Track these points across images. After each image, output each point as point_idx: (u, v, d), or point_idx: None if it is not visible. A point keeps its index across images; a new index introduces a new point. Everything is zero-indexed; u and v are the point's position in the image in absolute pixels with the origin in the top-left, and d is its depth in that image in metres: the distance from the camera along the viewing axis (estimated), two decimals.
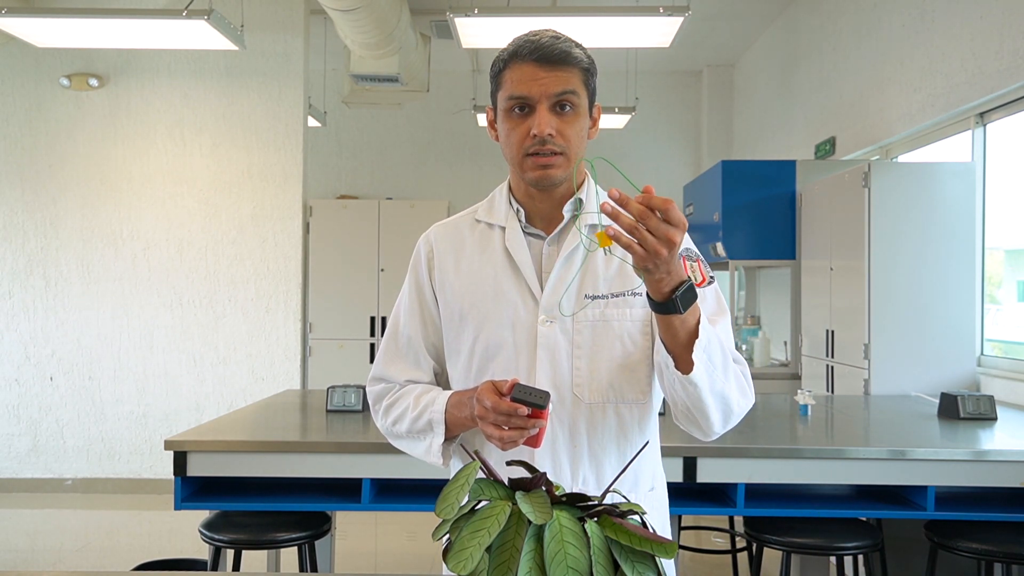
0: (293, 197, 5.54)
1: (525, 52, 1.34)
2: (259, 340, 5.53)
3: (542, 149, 1.34)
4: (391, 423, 1.47)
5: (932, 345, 3.83)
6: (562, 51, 1.33)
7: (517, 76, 1.34)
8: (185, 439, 2.52)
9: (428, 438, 1.41)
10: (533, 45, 1.34)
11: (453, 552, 0.96)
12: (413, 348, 1.49)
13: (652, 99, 7.80)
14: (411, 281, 1.51)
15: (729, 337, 1.39)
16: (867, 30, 4.88)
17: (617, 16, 3.92)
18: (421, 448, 1.44)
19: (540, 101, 1.33)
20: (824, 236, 4.41)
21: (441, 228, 1.51)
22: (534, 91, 1.33)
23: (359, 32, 4.90)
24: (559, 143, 1.34)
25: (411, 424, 1.43)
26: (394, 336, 1.52)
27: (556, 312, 1.38)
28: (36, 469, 5.54)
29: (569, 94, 1.34)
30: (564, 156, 1.35)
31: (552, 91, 1.33)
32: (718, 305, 1.42)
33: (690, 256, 1.40)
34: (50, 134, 5.54)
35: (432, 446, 1.41)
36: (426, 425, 1.41)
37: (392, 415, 1.47)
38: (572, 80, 1.34)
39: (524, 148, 1.35)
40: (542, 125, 1.32)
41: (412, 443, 1.46)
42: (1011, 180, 3.91)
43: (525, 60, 1.34)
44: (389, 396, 1.49)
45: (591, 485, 1.38)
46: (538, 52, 1.33)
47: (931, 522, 2.52)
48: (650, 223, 1.10)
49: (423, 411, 1.41)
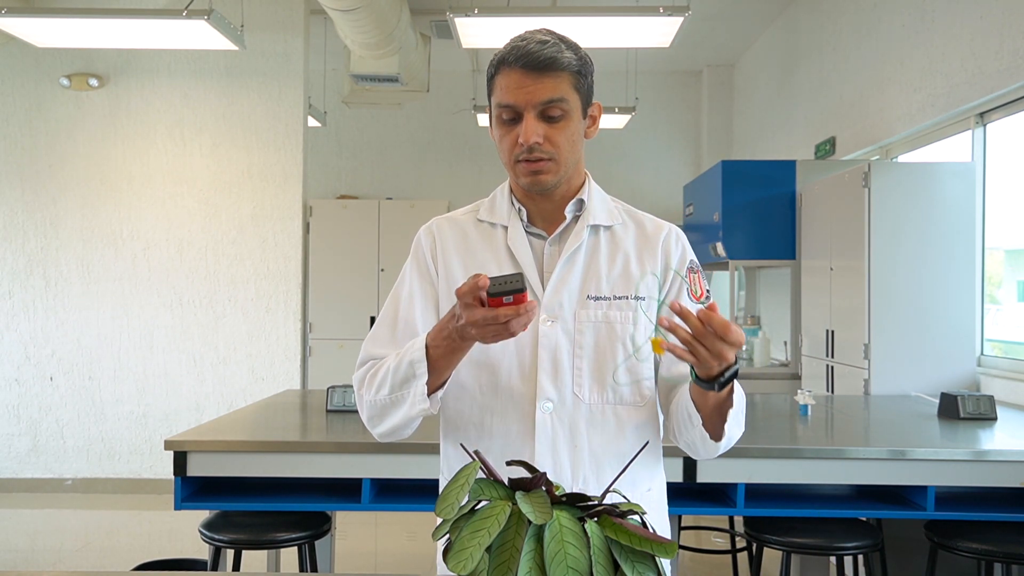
0: (293, 197, 5.54)
1: (512, 59, 1.33)
2: (259, 340, 5.53)
3: (530, 156, 1.34)
4: (374, 392, 1.36)
5: (932, 345, 3.83)
6: (548, 57, 1.31)
7: (505, 83, 1.34)
8: (185, 439, 2.52)
9: (412, 385, 1.30)
10: (520, 51, 1.32)
11: (453, 552, 0.96)
12: (410, 331, 1.41)
13: (652, 99, 7.80)
14: (413, 268, 1.47)
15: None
16: (867, 30, 4.88)
17: (617, 16, 3.92)
18: (406, 404, 1.31)
19: (527, 109, 1.33)
20: (824, 236, 4.41)
21: (444, 222, 1.49)
22: (520, 99, 1.32)
23: (359, 32, 4.90)
24: (547, 150, 1.34)
25: (393, 378, 1.32)
26: (391, 320, 1.44)
27: (558, 312, 1.38)
28: (36, 469, 5.54)
29: (556, 102, 1.33)
30: (554, 161, 1.35)
31: (538, 99, 1.32)
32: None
33: (693, 268, 1.43)
34: (50, 134, 5.54)
35: (416, 392, 1.29)
36: (408, 369, 1.29)
37: (375, 383, 1.36)
38: (560, 86, 1.33)
39: (514, 155, 1.36)
40: (528, 134, 1.32)
41: (397, 407, 1.33)
42: (1011, 180, 3.91)
43: (512, 67, 1.33)
44: (372, 369, 1.40)
45: (591, 485, 1.37)
46: (524, 59, 1.32)
47: (931, 522, 2.52)
48: (707, 341, 1.16)
49: (402, 358, 1.31)
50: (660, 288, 1.43)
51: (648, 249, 1.43)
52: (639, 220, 1.48)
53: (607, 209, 1.45)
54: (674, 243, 1.45)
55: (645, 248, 1.44)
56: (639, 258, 1.43)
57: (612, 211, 1.46)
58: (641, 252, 1.43)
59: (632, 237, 1.45)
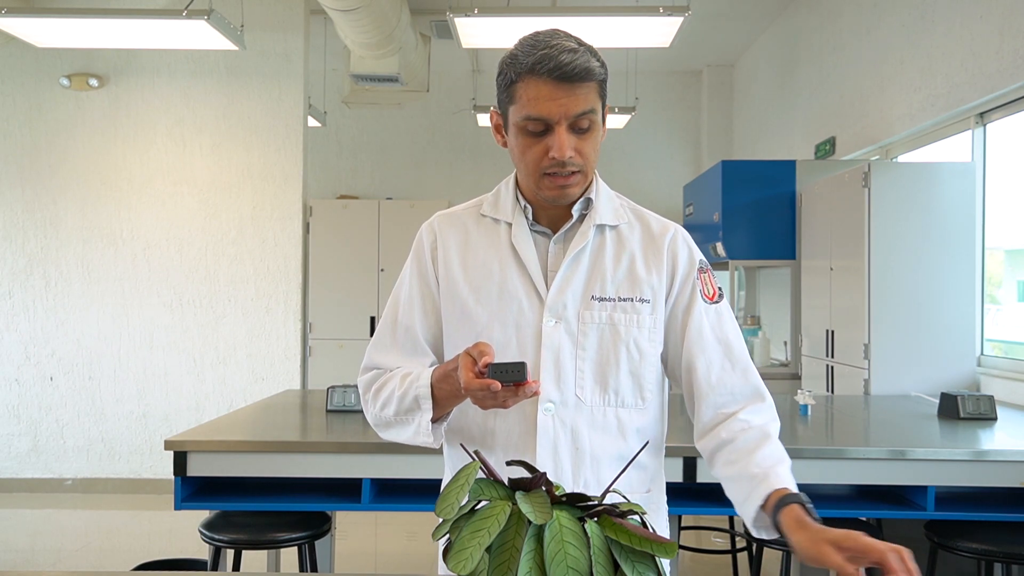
0: (293, 197, 5.54)
1: (543, 70, 1.26)
2: (259, 340, 5.53)
3: (561, 171, 1.31)
4: (379, 408, 1.40)
5: (932, 345, 3.83)
6: (583, 68, 1.27)
7: (533, 94, 1.28)
8: (185, 439, 2.52)
9: (416, 417, 1.34)
10: (553, 62, 1.26)
11: (453, 552, 0.96)
12: (411, 338, 1.43)
13: (652, 99, 7.80)
14: (413, 269, 1.46)
15: (746, 359, 1.43)
16: (867, 30, 4.88)
17: (617, 16, 3.92)
18: (410, 430, 1.37)
19: (559, 122, 1.28)
20: (824, 236, 4.41)
21: (446, 218, 1.47)
22: (554, 112, 1.27)
23: (359, 32, 4.90)
24: (578, 162, 1.31)
25: (398, 404, 1.36)
26: (391, 325, 1.45)
27: (561, 312, 1.37)
28: (36, 469, 5.54)
29: (588, 113, 1.30)
30: (582, 173, 1.34)
31: (572, 112, 1.28)
32: (732, 324, 1.45)
33: (702, 268, 1.43)
34: (50, 134, 5.54)
35: (421, 425, 1.34)
36: (413, 402, 1.34)
37: (380, 399, 1.40)
38: (591, 97, 1.30)
39: (542, 168, 1.32)
40: (563, 149, 1.28)
41: (402, 427, 1.38)
42: (1011, 180, 3.91)
43: (542, 77, 1.27)
44: (378, 381, 1.42)
45: (592, 487, 1.37)
46: (557, 71, 1.26)
47: (931, 522, 2.52)
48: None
49: (408, 388, 1.35)
50: (668, 292, 1.41)
51: (654, 250, 1.42)
52: (644, 219, 1.46)
53: (613, 208, 1.43)
54: (681, 245, 1.43)
55: (651, 249, 1.42)
56: (645, 259, 1.41)
57: (618, 210, 1.44)
58: (647, 253, 1.41)
59: (638, 237, 1.43)
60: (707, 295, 1.42)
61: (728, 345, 1.41)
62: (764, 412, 1.40)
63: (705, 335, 1.40)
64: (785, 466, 1.31)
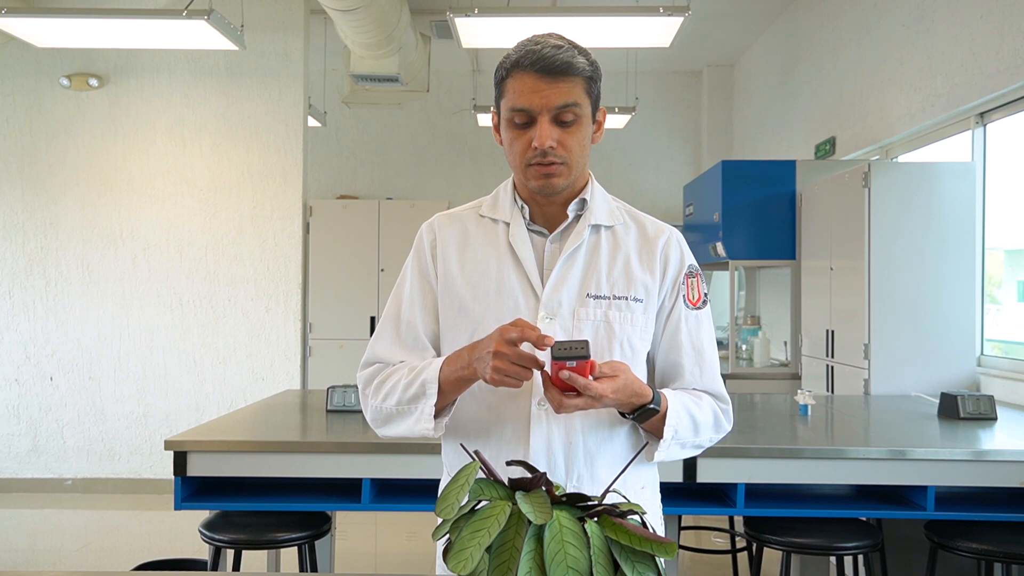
0: (293, 197, 5.54)
1: (527, 62, 1.33)
2: (259, 340, 5.53)
3: (543, 160, 1.35)
4: (380, 400, 1.41)
5: (932, 345, 3.83)
6: (564, 62, 1.32)
7: (519, 87, 1.34)
8: (185, 439, 2.52)
9: (420, 404, 1.35)
10: (535, 55, 1.33)
11: (453, 552, 0.96)
12: (412, 333, 1.46)
13: (652, 99, 7.80)
14: (414, 267, 1.49)
15: (715, 367, 1.48)
16: (867, 30, 4.88)
17: (617, 16, 3.92)
18: (411, 420, 1.37)
19: (541, 113, 1.34)
20: (824, 236, 4.41)
21: (445, 218, 1.51)
22: (535, 103, 1.33)
23: (359, 32, 4.90)
24: (560, 154, 1.35)
25: (402, 393, 1.37)
26: (394, 320, 1.48)
27: (557, 310, 1.39)
28: (36, 469, 5.54)
29: (571, 106, 1.34)
30: (565, 165, 1.37)
31: (553, 104, 1.33)
32: (709, 331, 1.49)
33: (691, 273, 1.47)
34: (50, 134, 5.54)
35: (423, 412, 1.35)
36: (419, 389, 1.35)
37: (383, 391, 1.41)
38: (574, 91, 1.34)
39: (526, 158, 1.37)
40: (543, 138, 1.33)
41: (402, 418, 1.39)
42: (1011, 180, 3.91)
43: (526, 71, 1.33)
44: (380, 375, 1.44)
45: (585, 483, 1.39)
46: (540, 63, 1.32)
47: (931, 522, 2.52)
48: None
49: (416, 376, 1.36)
50: (657, 294, 1.45)
51: (648, 252, 1.45)
52: (640, 221, 1.49)
53: (608, 209, 1.47)
54: (674, 249, 1.47)
55: (646, 250, 1.45)
56: (640, 259, 1.44)
57: (613, 211, 1.48)
58: (642, 254, 1.45)
59: (633, 238, 1.46)
60: (691, 300, 1.46)
61: (700, 352, 1.46)
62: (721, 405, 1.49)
63: (681, 339, 1.45)
64: (682, 404, 1.40)
